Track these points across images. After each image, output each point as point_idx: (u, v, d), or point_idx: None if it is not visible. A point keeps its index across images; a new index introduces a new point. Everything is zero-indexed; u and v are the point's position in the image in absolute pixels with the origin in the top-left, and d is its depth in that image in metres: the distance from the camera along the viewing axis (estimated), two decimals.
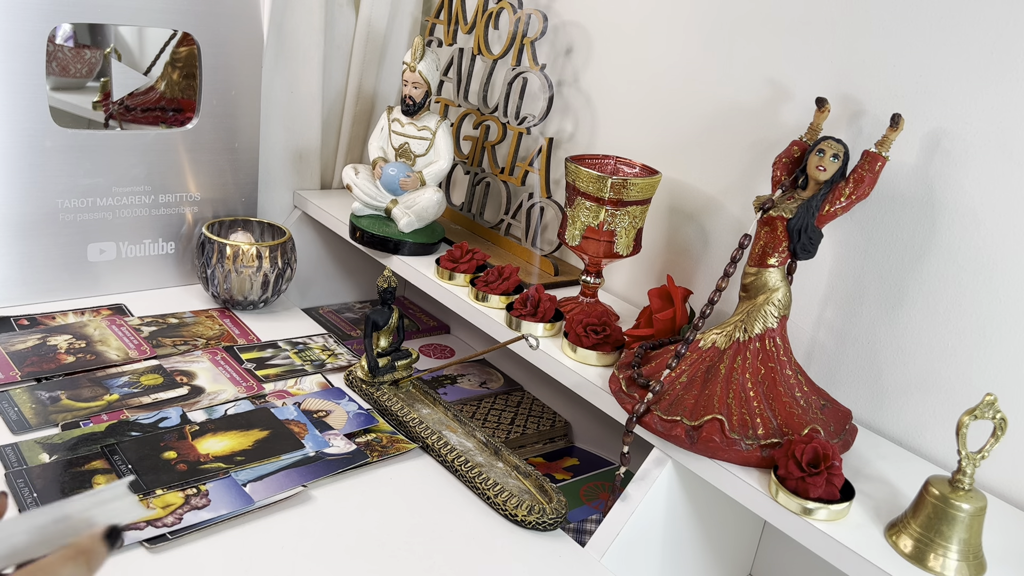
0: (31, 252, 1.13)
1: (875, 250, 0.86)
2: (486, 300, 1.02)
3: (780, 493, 0.70)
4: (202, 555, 0.74)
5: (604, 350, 0.90)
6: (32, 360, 1.00)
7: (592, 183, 0.91)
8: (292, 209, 1.37)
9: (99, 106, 1.29)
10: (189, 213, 1.25)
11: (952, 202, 0.79)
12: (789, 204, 0.78)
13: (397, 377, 1.04)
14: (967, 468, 0.65)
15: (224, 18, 1.18)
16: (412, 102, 1.14)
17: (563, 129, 1.20)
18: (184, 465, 0.84)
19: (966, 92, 0.77)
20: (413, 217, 1.15)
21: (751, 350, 0.79)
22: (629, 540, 0.79)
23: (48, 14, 1.04)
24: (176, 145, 1.21)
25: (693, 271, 1.03)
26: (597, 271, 0.99)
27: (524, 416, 1.17)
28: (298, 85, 1.29)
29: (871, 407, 0.87)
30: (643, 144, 1.08)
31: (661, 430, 0.78)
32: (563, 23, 1.17)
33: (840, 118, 0.86)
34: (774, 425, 0.76)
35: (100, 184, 1.15)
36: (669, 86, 1.04)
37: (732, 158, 0.98)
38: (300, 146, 1.34)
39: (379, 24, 1.32)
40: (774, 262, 0.78)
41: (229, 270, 1.18)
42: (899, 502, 0.73)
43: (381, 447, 0.93)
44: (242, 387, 1.02)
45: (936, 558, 0.65)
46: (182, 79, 1.29)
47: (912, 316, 0.83)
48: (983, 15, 0.76)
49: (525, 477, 0.90)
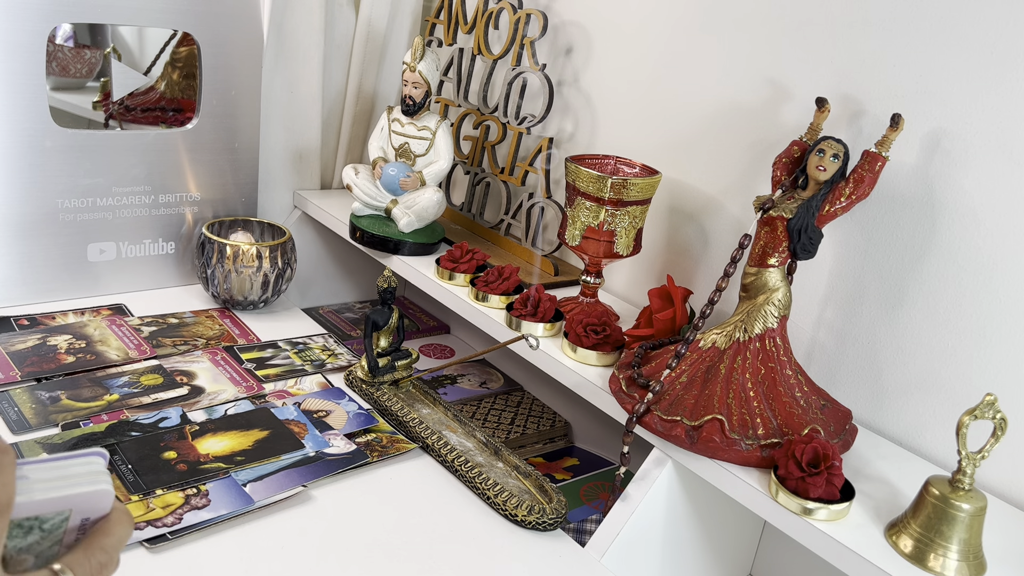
0: (31, 252, 1.13)
1: (875, 250, 0.85)
2: (486, 300, 1.02)
3: (780, 493, 0.70)
4: (202, 555, 0.74)
5: (604, 350, 0.90)
6: (32, 360, 1.00)
7: (592, 183, 0.91)
8: (292, 209, 1.37)
9: (99, 106, 1.29)
10: (189, 213, 1.25)
11: (952, 202, 0.79)
12: (789, 204, 0.78)
13: (397, 377, 1.04)
14: (967, 468, 0.65)
15: (224, 18, 1.18)
16: (412, 102, 1.14)
17: (563, 129, 1.20)
18: (184, 465, 0.84)
19: (966, 92, 0.77)
20: (413, 217, 1.15)
21: (751, 350, 0.79)
22: (629, 540, 0.79)
23: (48, 14, 1.04)
24: (176, 145, 1.21)
25: (693, 271, 1.03)
26: (597, 271, 0.99)
27: (524, 416, 1.17)
28: (298, 85, 1.29)
29: (871, 407, 0.87)
30: (643, 144, 1.08)
31: (661, 430, 0.78)
32: (563, 23, 1.17)
33: (840, 118, 0.86)
34: (774, 425, 0.76)
35: (100, 184, 1.15)
36: (669, 86, 1.04)
37: (732, 158, 0.98)
38: (300, 146, 1.34)
39: (379, 24, 1.32)
40: (774, 262, 0.78)
41: (229, 270, 1.18)
42: (899, 502, 0.73)
43: (381, 447, 0.93)
44: (242, 387, 1.02)
45: (936, 558, 0.65)
46: (182, 79, 1.29)
47: (912, 316, 0.83)
48: (983, 15, 0.76)
49: (525, 477, 0.90)
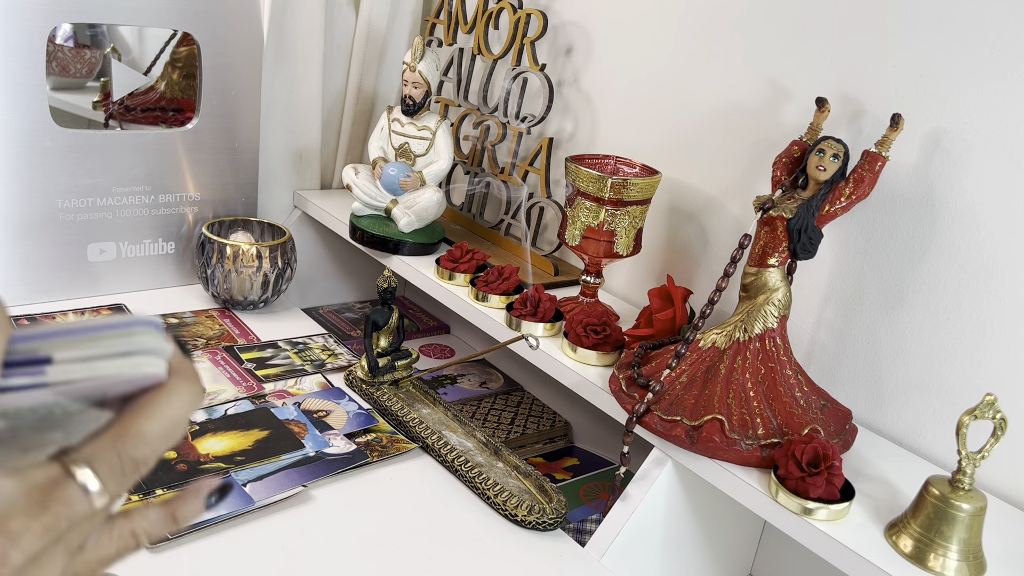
0: (31, 252, 1.13)
1: (875, 250, 0.85)
2: (486, 300, 1.02)
3: (780, 493, 0.70)
4: (202, 555, 0.74)
5: (604, 350, 0.90)
6: None
7: (592, 183, 0.91)
8: (292, 209, 1.37)
9: (99, 106, 1.29)
10: (189, 213, 1.25)
11: (952, 202, 0.79)
12: (789, 204, 0.78)
13: (397, 377, 1.04)
14: (967, 468, 0.65)
15: (224, 18, 1.18)
16: (412, 102, 1.14)
17: (563, 129, 1.20)
18: (184, 465, 0.84)
19: (966, 92, 0.77)
20: (413, 217, 1.15)
21: (751, 350, 0.79)
22: (629, 540, 0.79)
23: (48, 14, 1.04)
24: (176, 145, 1.21)
25: (693, 271, 1.03)
26: (597, 271, 0.99)
27: (524, 416, 1.17)
28: (298, 85, 1.29)
29: (871, 407, 0.87)
30: (643, 144, 1.08)
31: (661, 430, 0.78)
32: (563, 23, 1.17)
33: (840, 118, 0.86)
34: (774, 425, 0.76)
35: (100, 184, 1.15)
36: (669, 86, 1.04)
37: (732, 158, 0.98)
38: (300, 146, 1.34)
39: (379, 24, 1.32)
40: (774, 262, 0.78)
41: (229, 270, 1.18)
42: (899, 502, 0.73)
43: (381, 447, 0.93)
44: (242, 387, 1.02)
45: (936, 558, 0.65)
46: (182, 79, 1.29)
47: (912, 316, 0.83)
48: (983, 15, 0.76)
49: (525, 477, 0.90)
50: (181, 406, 0.31)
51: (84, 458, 0.30)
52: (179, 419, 0.31)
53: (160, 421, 0.31)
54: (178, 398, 0.31)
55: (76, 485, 0.29)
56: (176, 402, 0.31)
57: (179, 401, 0.31)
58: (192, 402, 0.32)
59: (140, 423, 0.31)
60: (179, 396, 0.31)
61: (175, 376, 0.32)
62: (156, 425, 0.31)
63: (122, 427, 0.30)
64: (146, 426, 0.31)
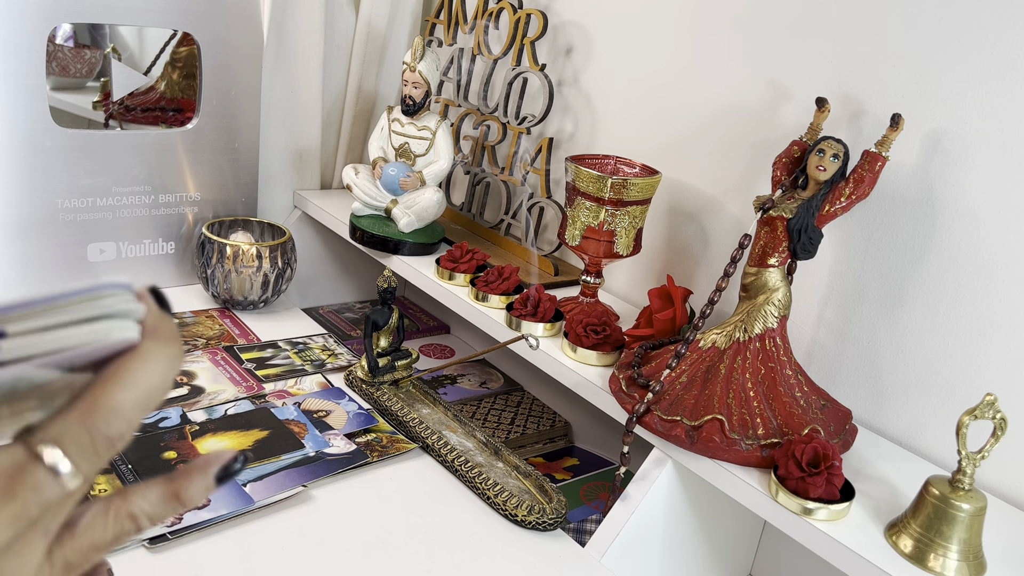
0: (31, 252, 1.13)
1: (875, 250, 0.85)
2: (486, 300, 1.02)
3: (780, 493, 0.70)
4: (202, 555, 0.74)
5: (604, 350, 0.90)
6: None
7: (592, 183, 0.91)
8: (292, 209, 1.37)
9: (99, 106, 1.29)
10: (189, 213, 1.25)
11: (952, 202, 0.79)
12: (789, 204, 0.78)
13: (397, 377, 1.04)
14: (967, 468, 0.65)
15: (224, 18, 1.18)
16: (412, 102, 1.14)
17: (563, 129, 1.20)
18: (184, 465, 0.84)
19: (966, 92, 0.77)
20: (413, 217, 1.15)
21: (751, 350, 0.79)
22: (629, 540, 0.79)
23: (48, 14, 1.04)
24: (176, 145, 1.21)
25: (693, 271, 1.03)
26: (597, 271, 0.99)
27: (524, 416, 1.17)
28: (298, 85, 1.29)
29: (871, 407, 0.87)
30: (643, 144, 1.08)
31: (661, 430, 0.78)
32: (563, 23, 1.17)
33: (840, 118, 0.86)
34: (774, 425, 0.76)
35: (100, 184, 1.15)
36: (669, 86, 1.04)
37: (732, 158, 0.98)
38: (300, 146, 1.34)
39: (379, 24, 1.32)
40: (774, 262, 0.78)
41: (229, 270, 1.18)
42: (899, 502, 0.73)
43: (381, 447, 0.93)
44: (242, 387, 1.02)
45: (936, 558, 0.65)
46: (182, 79, 1.29)
47: (912, 316, 0.83)
48: (983, 15, 0.76)
49: (525, 477, 0.90)
50: (157, 371, 0.28)
51: (52, 437, 0.27)
52: (155, 386, 0.28)
53: (133, 390, 0.28)
54: (154, 362, 0.28)
55: (44, 468, 0.27)
56: (151, 367, 0.28)
57: (154, 366, 0.28)
58: (170, 365, 0.29)
59: (111, 394, 0.28)
60: (154, 360, 0.28)
61: (149, 338, 0.29)
62: (129, 395, 0.28)
63: (92, 400, 0.28)
64: (118, 397, 0.28)
